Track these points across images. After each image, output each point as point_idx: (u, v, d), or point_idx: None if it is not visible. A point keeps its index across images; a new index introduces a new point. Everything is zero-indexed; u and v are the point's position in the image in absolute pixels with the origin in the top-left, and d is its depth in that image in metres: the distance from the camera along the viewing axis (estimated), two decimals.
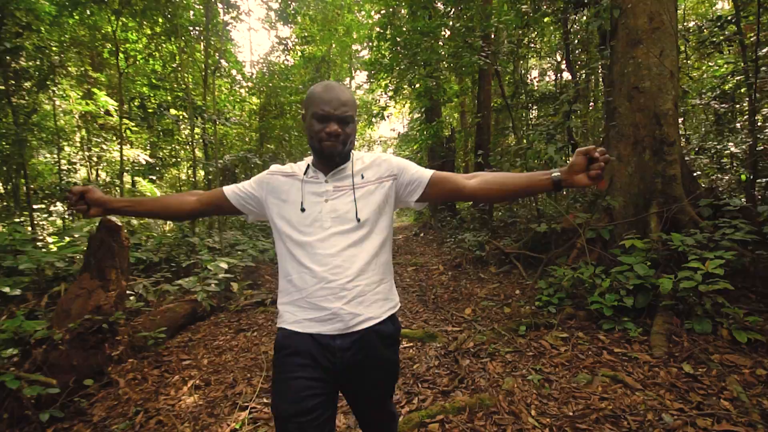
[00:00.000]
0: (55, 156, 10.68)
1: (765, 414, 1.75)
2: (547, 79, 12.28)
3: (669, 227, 3.69)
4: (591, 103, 8.92)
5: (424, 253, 7.19)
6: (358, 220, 1.04)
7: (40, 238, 6.65)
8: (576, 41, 5.92)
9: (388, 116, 13.26)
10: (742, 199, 4.14)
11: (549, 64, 11.59)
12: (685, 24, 8.45)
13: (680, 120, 7.88)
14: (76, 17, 8.75)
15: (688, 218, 3.76)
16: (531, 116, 9.97)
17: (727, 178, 5.77)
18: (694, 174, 5.90)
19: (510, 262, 5.10)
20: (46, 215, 9.65)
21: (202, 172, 11.79)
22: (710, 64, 7.31)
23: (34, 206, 8.28)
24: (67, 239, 5.28)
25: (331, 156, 1.05)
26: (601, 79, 6.24)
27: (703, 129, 7.69)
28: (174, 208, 1.15)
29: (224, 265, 4.31)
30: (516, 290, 4.11)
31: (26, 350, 2.26)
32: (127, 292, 3.43)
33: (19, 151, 8.29)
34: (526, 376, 2.32)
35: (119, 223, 3.31)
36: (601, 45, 4.85)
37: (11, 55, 7.11)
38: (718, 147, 5.77)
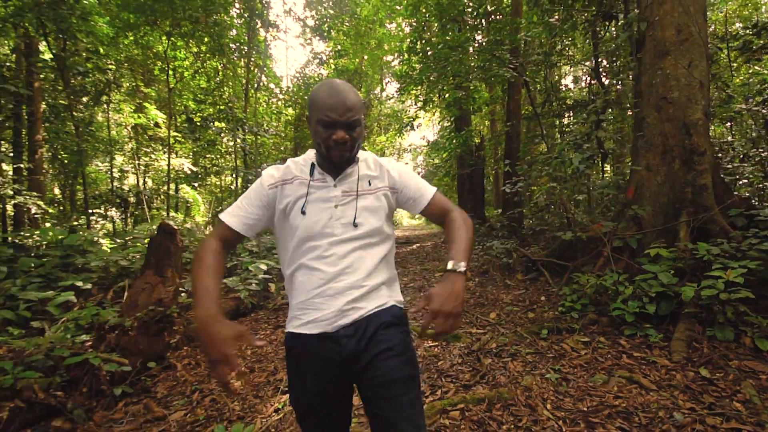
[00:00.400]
0: (107, 164, 11.65)
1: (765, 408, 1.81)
2: (582, 84, 12.12)
3: (699, 236, 3.68)
4: (629, 111, 8.78)
5: None
6: (367, 223, 1.06)
7: (95, 240, 7.37)
8: (606, 51, 5.92)
9: (417, 126, 13.52)
10: None
11: (582, 71, 11.45)
12: (727, 28, 8.19)
13: (728, 125, 7.62)
14: (131, 38, 9.66)
15: (719, 228, 3.72)
16: (565, 123, 9.90)
17: None
18: (739, 182, 5.74)
19: (537, 269, 5.16)
20: (101, 219, 10.58)
21: (240, 180, 12.50)
22: (757, 68, 7.06)
23: (90, 210, 9.14)
24: (120, 241, 5.88)
25: (340, 164, 1.06)
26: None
27: (748, 135, 7.39)
28: (221, 270, 1.06)
29: (263, 267, 4.67)
30: (541, 296, 4.20)
31: (101, 335, 2.65)
32: (179, 289, 3.84)
33: (78, 159, 9.17)
34: (545, 374, 2.45)
35: (175, 227, 3.72)
36: (631, 55, 4.89)
37: (79, 76, 7.98)
38: (763, 155, 5.59)
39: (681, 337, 2.66)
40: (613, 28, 5.83)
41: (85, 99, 9.69)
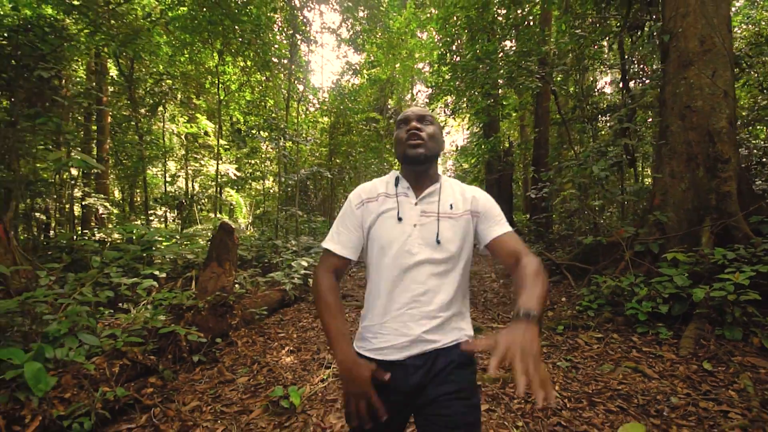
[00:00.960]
0: (161, 170, 12.73)
1: (765, 402, 2.02)
2: (619, 86, 11.97)
3: (722, 242, 3.79)
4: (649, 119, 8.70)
5: (479, 262, 7.57)
6: (445, 248, 1.03)
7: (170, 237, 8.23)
8: (633, 60, 6.01)
9: (447, 132, 13.80)
10: None
11: (613, 77, 11.35)
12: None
13: None
14: (186, 55, 10.63)
15: (742, 234, 3.82)
16: (599, 126, 9.86)
17: None
18: None
19: (560, 272, 5.35)
20: (156, 220, 11.61)
21: (280, 184, 13.28)
22: None
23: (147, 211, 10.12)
24: (173, 240, 6.61)
25: (416, 159, 1.06)
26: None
27: None
28: (342, 307, 1.09)
29: (304, 264, 5.18)
30: (562, 297, 4.42)
31: (180, 313, 3.20)
32: (234, 281, 4.40)
33: (140, 165, 10.15)
34: (557, 363, 2.74)
35: (233, 226, 4.28)
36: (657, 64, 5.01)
37: (140, 90, 8.92)
38: None
39: (690, 335, 2.86)
40: (641, 38, 5.91)
41: (143, 110, 10.76)
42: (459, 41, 10.10)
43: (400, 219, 1.05)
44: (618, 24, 5.86)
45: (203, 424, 2.15)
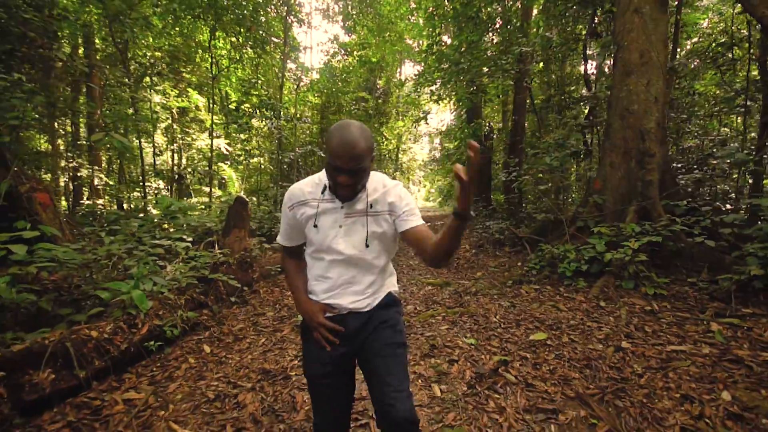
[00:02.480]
0: (148, 142, 12.89)
1: (627, 321, 3.06)
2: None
3: (643, 219, 4.83)
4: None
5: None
6: (367, 246, 1.20)
7: (148, 208, 8.89)
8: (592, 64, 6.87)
9: (435, 112, 14.54)
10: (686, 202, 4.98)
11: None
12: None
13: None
14: (177, 29, 10.92)
15: (656, 213, 4.87)
16: (568, 115, 10.83)
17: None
18: (702, 180, 6.75)
19: (522, 244, 6.39)
20: (150, 192, 12.10)
21: (272, 162, 13.85)
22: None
23: (131, 183, 10.61)
24: (197, 210, 7.29)
25: (344, 200, 1.19)
26: None
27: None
28: (301, 269, 1.34)
29: None
30: (518, 263, 5.46)
31: (215, 267, 4.06)
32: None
33: (137, 137, 10.46)
34: (501, 303, 3.75)
35: (246, 199, 5.10)
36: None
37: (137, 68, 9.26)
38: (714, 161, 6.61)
39: (599, 285, 3.91)
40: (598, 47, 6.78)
41: (127, 80, 10.92)
42: (447, 32, 10.74)
43: (315, 226, 1.20)
44: (583, 30, 6.69)
45: (250, 337, 3.07)
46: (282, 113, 10.33)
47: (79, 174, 10.84)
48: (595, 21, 6.40)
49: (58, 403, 2.02)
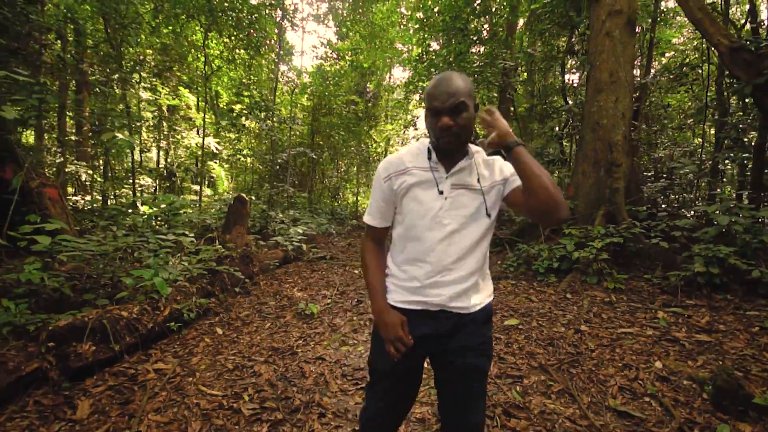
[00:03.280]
0: (135, 139, 12.91)
1: (587, 309, 3.53)
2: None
3: (610, 222, 5.35)
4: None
5: None
6: (475, 219, 1.10)
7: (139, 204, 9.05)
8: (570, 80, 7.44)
9: (418, 124, 15.07)
10: (645, 209, 5.57)
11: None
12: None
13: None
14: (170, 28, 11.08)
15: (621, 218, 5.41)
16: (551, 125, 11.45)
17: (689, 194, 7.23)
18: (674, 189, 7.39)
19: (502, 244, 6.87)
20: (140, 188, 12.15)
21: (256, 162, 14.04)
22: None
23: (117, 179, 10.69)
24: (157, 209, 7.54)
25: (450, 152, 1.09)
26: None
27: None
28: (382, 266, 1.22)
29: (300, 230, 6.40)
30: (498, 261, 5.92)
31: (220, 260, 4.37)
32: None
33: (132, 135, 10.51)
34: None
35: (246, 198, 5.42)
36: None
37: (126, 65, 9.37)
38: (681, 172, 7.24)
39: (567, 280, 4.39)
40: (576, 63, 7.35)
41: (115, 77, 10.92)
42: (437, 40, 11.21)
43: (441, 192, 1.09)
44: (563, 46, 7.24)
45: (256, 322, 3.41)
46: (275, 115, 10.60)
47: (66, 170, 10.85)
48: (573, 40, 6.95)
49: (98, 371, 2.34)
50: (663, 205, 6.32)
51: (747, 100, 6.24)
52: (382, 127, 18.85)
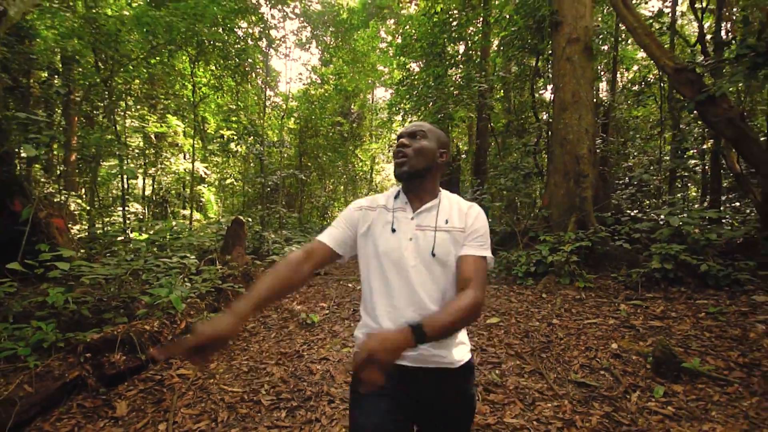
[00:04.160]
0: (117, 166, 13.03)
1: (560, 306, 3.95)
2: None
3: (580, 228, 5.85)
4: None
5: None
6: (440, 261, 1.05)
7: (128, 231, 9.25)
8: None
9: None
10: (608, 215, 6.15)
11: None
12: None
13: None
14: (158, 58, 11.48)
15: (591, 223, 5.93)
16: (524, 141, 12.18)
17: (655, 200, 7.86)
18: (639, 195, 8.00)
19: None
20: (119, 215, 12.21)
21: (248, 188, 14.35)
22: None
23: (104, 207, 10.87)
24: (147, 235, 7.82)
25: (399, 177, 1.11)
26: None
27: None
28: (284, 274, 1.04)
29: (295, 249, 6.73)
30: None
31: (223, 278, 4.67)
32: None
33: (121, 164, 10.73)
34: None
35: (244, 220, 5.76)
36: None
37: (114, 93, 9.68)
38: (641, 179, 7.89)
39: (543, 282, 4.84)
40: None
41: (102, 104, 11.11)
42: (418, 64, 11.92)
43: (393, 230, 1.09)
44: (530, 71, 7.94)
45: (262, 332, 3.73)
46: (264, 139, 11.02)
47: (55, 200, 10.95)
48: (539, 64, 7.64)
49: (128, 378, 2.63)
50: (629, 211, 6.89)
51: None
52: (367, 146, 19.46)
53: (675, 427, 1.88)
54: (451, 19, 9.85)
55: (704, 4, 8.47)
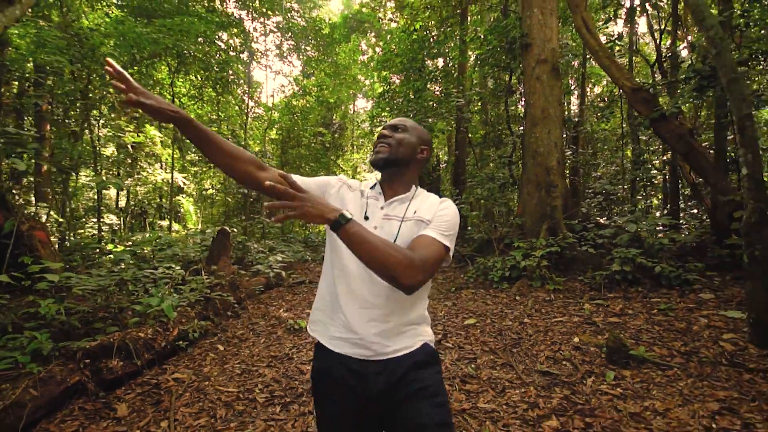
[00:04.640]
0: (91, 177, 12.77)
1: (531, 307, 4.28)
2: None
3: (551, 235, 6.25)
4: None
5: None
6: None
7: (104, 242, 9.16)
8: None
9: None
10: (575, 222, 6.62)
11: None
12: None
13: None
14: (136, 68, 11.46)
15: (561, 230, 6.34)
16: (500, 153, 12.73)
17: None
18: (605, 204, 8.54)
19: (464, 259, 7.66)
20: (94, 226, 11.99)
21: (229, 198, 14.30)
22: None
23: (78, 218, 10.67)
24: (122, 247, 7.78)
25: (376, 163, 1.12)
26: None
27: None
28: (244, 168, 1.04)
29: (279, 258, 6.87)
30: (461, 275, 6.67)
31: (212, 287, 4.79)
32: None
33: (95, 176, 10.54)
34: (446, 303, 4.86)
35: (229, 231, 5.89)
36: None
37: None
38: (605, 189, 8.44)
39: (517, 285, 5.18)
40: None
41: (73, 113, 10.92)
42: (398, 77, 12.34)
43: (367, 218, 1.09)
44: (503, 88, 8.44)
45: (252, 338, 3.89)
46: (247, 149, 11.11)
47: (26, 211, 10.68)
48: (511, 82, 8.14)
49: (126, 382, 2.76)
50: (598, 218, 7.39)
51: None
52: (349, 156, 19.73)
53: (621, 404, 2.18)
54: (429, 36, 10.33)
55: (662, 26, 9.24)
